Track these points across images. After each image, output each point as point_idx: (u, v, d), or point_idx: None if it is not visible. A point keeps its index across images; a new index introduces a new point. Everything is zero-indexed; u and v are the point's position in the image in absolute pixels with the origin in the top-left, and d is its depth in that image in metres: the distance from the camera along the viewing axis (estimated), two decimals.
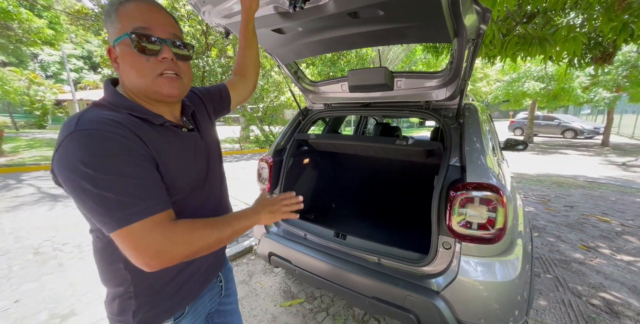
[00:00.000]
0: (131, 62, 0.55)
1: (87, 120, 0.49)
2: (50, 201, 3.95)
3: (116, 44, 0.55)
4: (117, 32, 0.55)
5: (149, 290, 0.61)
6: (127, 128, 0.51)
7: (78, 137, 0.47)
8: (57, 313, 1.75)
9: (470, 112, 1.33)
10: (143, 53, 0.54)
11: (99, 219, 0.48)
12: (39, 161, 6.69)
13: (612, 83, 8.88)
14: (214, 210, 0.71)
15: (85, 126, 0.48)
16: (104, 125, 0.49)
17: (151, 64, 0.55)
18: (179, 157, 0.60)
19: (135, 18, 0.54)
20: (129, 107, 0.56)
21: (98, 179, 0.46)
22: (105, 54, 0.57)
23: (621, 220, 3.34)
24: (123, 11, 0.54)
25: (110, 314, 0.63)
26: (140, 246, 0.48)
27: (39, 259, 2.39)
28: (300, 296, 1.93)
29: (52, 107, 17.68)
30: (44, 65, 24.66)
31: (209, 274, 0.75)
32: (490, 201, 1.06)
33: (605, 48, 2.72)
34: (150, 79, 0.56)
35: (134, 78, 0.56)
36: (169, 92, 0.58)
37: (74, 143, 0.47)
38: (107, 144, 0.48)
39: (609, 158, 8.26)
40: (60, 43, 8.87)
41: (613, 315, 1.75)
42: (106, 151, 0.47)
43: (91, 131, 0.47)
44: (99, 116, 0.50)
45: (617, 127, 14.96)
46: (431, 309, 1.09)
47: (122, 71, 0.57)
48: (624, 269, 2.28)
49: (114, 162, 0.47)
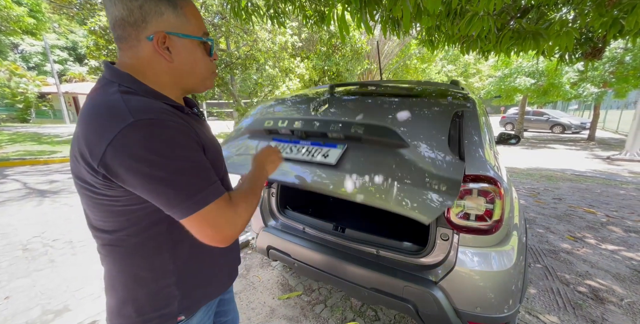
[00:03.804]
0: (197, 59, 0.60)
1: (140, 109, 0.49)
2: (38, 197, 3.83)
3: (179, 36, 0.56)
4: (185, 28, 0.57)
5: (190, 278, 0.64)
6: (176, 115, 0.53)
7: (139, 126, 0.47)
8: (50, 309, 1.72)
9: (472, 102, 1.34)
10: (210, 55, 0.63)
11: (173, 204, 0.50)
12: (24, 156, 6.46)
13: (599, 79, 9.10)
14: None
15: (142, 115, 0.48)
16: (158, 113, 0.49)
17: (211, 63, 0.64)
18: (211, 142, 0.64)
19: (200, 21, 0.60)
20: (159, 96, 0.57)
21: (169, 166, 0.48)
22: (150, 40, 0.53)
23: (606, 211, 3.47)
24: (190, 9, 0.57)
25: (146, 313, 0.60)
26: (218, 224, 0.53)
27: (29, 256, 2.33)
28: (298, 289, 1.94)
29: (35, 100, 17.04)
30: (25, 56, 23.60)
31: (236, 263, 0.80)
32: (488, 192, 1.08)
33: (595, 43, 2.77)
34: (207, 76, 0.64)
35: (193, 70, 0.60)
36: (212, 85, 0.67)
37: (135, 133, 0.46)
38: (168, 131, 0.49)
39: (594, 152, 8.53)
40: (42, 32, 8.48)
41: (598, 301, 1.83)
42: (169, 138, 0.49)
43: (152, 121, 0.48)
44: (147, 105, 0.51)
45: (602, 122, 15.41)
46: (429, 298, 1.11)
47: (177, 61, 0.57)
48: (609, 257, 2.38)
49: (178, 148, 0.49)
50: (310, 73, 9.32)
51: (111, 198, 0.52)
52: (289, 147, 1.25)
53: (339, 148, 1.13)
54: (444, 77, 18.73)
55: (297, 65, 8.79)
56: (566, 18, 2.43)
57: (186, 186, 0.49)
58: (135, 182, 0.48)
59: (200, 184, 0.51)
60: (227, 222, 0.54)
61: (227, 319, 0.90)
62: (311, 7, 2.62)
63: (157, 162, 0.47)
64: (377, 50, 2.28)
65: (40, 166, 5.93)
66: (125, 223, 0.56)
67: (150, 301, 0.60)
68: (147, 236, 0.57)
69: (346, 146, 1.12)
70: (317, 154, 1.15)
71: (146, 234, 0.57)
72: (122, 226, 0.56)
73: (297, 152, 1.22)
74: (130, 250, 0.58)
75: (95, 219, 0.58)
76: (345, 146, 1.12)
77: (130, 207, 0.54)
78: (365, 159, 1.08)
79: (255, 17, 2.57)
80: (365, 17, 1.85)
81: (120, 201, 0.53)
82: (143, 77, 0.56)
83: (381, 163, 1.05)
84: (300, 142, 1.25)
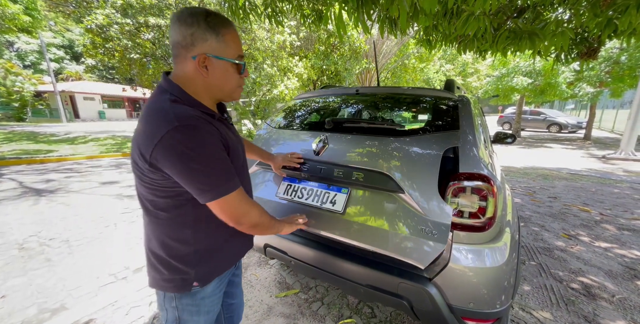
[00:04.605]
0: (228, 77, 0.74)
1: (183, 116, 0.64)
2: (34, 196, 3.82)
3: (217, 58, 0.70)
4: (222, 52, 0.70)
5: (206, 250, 0.78)
6: (208, 122, 0.67)
7: (182, 130, 0.62)
8: (47, 308, 1.72)
9: (463, 105, 1.36)
10: (240, 73, 0.76)
11: (204, 190, 0.66)
12: (20, 155, 6.42)
13: (595, 79, 9.17)
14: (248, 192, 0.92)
15: (184, 121, 0.63)
16: (195, 120, 0.64)
17: (240, 79, 0.78)
18: (235, 144, 0.78)
19: (238, 45, 0.74)
20: (198, 105, 0.71)
21: (201, 161, 0.63)
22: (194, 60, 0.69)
23: (600, 210, 3.51)
24: (230, 37, 0.71)
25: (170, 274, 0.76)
26: (237, 210, 0.72)
27: (25, 255, 2.33)
28: (296, 287, 1.96)
29: (31, 99, 16.90)
30: (21, 54, 23.36)
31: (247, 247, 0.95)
32: (481, 190, 1.09)
33: (591, 43, 2.80)
34: (234, 89, 0.78)
35: (223, 85, 0.75)
36: (238, 97, 0.82)
37: (179, 134, 0.61)
38: (202, 134, 0.64)
39: (590, 151, 8.60)
40: (38, 31, 8.40)
41: (590, 298, 1.86)
42: (203, 140, 0.64)
43: (191, 126, 0.63)
44: (188, 112, 0.65)
45: (598, 122, 15.54)
46: (423, 295, 1.13)
47: (211, 77, 0.72)
48: (602, 255, 2.41)
49: (210, 148, 0.65)
50: (309, 72, 9.31)
51: (153, 180, 0.68)
52: (300, 190, 1.36)
53: (343, 192, 1.24)
54: (442, 76, 18.77)
55: (295, 64, 8.78)
56: (562, 18, 2.46)
57: (214, 177, 0.66)
58: (175, 171, 0.64)
59: (225, 177, 0.68)
60: (243, 211, 0.72)
61: (234, 301, 1.05)
62: (309, 6, 2.62)
63: (193, 157, 0.62)
64: (374, 50, 2.27)
65: (37, 165, 5.89)
66: (160, 200, 0.72)
67: (173, 264, 0.75)
68: (175, 214, 0.73)
69: (349, 190, 1.23)
70: (326, 200, 1.27)
71: (175, 212, 0.73)
72: (157, 203, 0.72)
73: (308, 197, 1.33)
74: (162, 222, 0.74)
75: (141, 195, 0.75)
76: (349, 191, 1.23)
77: (165, 189, 0.70)
78: (367, 205, 1.18)
79: (253, 16, 2.57)
80: (362, 17, 1.86)
81: (160, 184, 0.69)
82: (187, 87, 0.71)
83: (381, 209, 1.15)
84: (308, 184, 1.35)
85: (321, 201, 1.27)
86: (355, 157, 1.24)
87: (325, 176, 1.28)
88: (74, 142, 9.19)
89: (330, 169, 1.27)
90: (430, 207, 1.08)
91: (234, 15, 2.44)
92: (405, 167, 1.14)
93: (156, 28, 6.97)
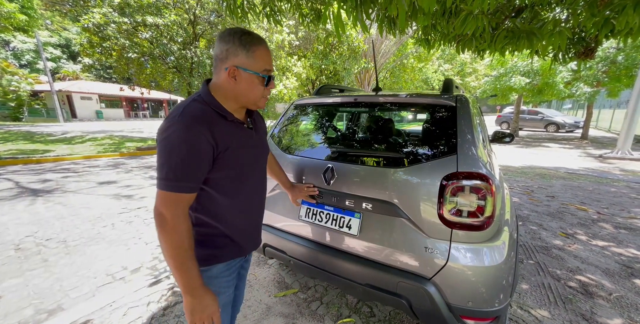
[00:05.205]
0: (253, 87, 0.83)
1: (187, 113, 0.74)
2: (30, 196, 3.79)
3: (244, 70, 0.80)
4: (250, 65, 0.80)
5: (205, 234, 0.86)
6: (206, 123, 0.75)
7: (177, 123, 0.72)
8: (44, 309, 1.70)
9: (462, 104, 1.36)
10: (264, 86, 0.85)
11: (157, 177, 0.73)
12: (16, 155, 6.37)
13: (592, 78, 9.22)
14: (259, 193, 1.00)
15: (182, 118, 0.73)
16: (193, 119, 0.73)
17: (265, 90, 0.86)
18: (237, 143, 0.84)
19: (266, 62, 0.83)
20: (215, 106, 0.81)
21: (171, 153, 0.71)
22: (226, 70, 0.80)
23: (597, 208, 3.53)
24: (259, 53, 0.81)
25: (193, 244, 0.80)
26: (160, 210, 0.72)
27: (21, 256, 2.31)
28: (294, 287, 1.95)
29: (28, 99, 16.77)
30: (17, 53, 23.18)
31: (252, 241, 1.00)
32: (479, 189, 1.09)
33: (588, 43, 2.81)
34: (258, 98, 0.86)
35: (248, 94, 0.84)
36: (263, 106, 0.91)
37: (173, 126, 0.71)
38: (187, 133, 0.71)
39: (587, 151, 8.65)
40: (34, 30, 8.33)
41: (588, 296, 1.87)
42: (185, 138, 0.71)
43: (183, 124, 0.72)
44: (196, 111, 0.76)
45: (595, 121, 15.63)
46: (422, 294, 1.13)
47: (238, 86, 0.82)
48: (599, 253, 2.43)
49: (183, 147, 0.71)
50: (308, 72, 9.29)
51: None
52: (319, 213, 1.48)
53: (357, 217, 1.36)
54: (441, 76, 18.81)
55: (294, 64, 8.76)
56: (559, 18, 2.46)
57: (170, 170, 0.71)
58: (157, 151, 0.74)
59: (176, 174, 0.71)
60: (166, 214, 0.72)
61: (235, 292, 1.07)
62: (307, 5, 2.61)
63: (167, 147, 0.71)
64: (373, 50, 2.26)
65: (33, 165, 5.85)
66: None
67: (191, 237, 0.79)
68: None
69: (362, 215, 1.35)
70: (342, 224, 1.39)
71: None
72: None
73: (326, 220, 1.44)
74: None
75: None
76: (361, 215, 1.35)
77: None
78: (378, 228, 1.30)
79: (251, 15, 2.56)
80: (361, 16, 1.86)
81: None
82: (217, 92, 0.82)
83: (390, 231, 1.27)
84: (324, 207, 1.46)
85: (338, 225, 1.40)
86: (363, 187, 1.34)
87: (338, 204, 1.41)
88: (71, 142, 9.13)
89: (342, 197, 1.39)
90: (432, 230, 1.17)
91: (232, 14, 2.43)
92: (407, 195, 1.22)
93: (154, 27, 6.93)
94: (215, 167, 0.79)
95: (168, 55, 7.60)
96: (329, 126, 2.06)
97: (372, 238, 1.30)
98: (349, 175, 1.38)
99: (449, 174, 1.13)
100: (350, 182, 1.37)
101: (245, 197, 0.92)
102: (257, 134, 0.96)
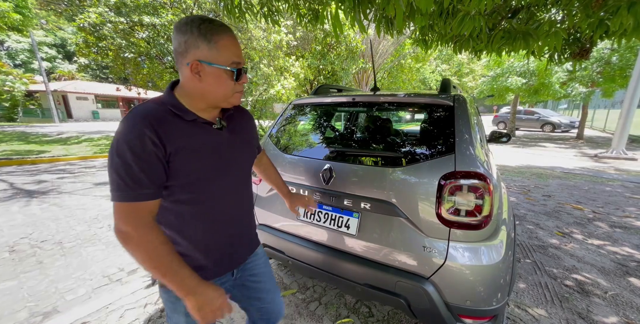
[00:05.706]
0: (220, 83, 0.73)
1: (136, 113, 0.67)
2: (25, 197, 3.75)
3: (208, 64, 0.70)
4: (214, 58, 0.70)
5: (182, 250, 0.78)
6: (152, 122, 0.66)
7: (121, 124, 0.66)
8: (38, 311, 1.68)
9: (459, 104, 1.36)
10: (234, 80, 0.74)
11: (110, 186, 0.65)
12: (10, 155, 6.30)
13: (587, 79, 9.31)
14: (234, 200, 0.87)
15: (130, 117, 0.66)
16: (137, 119, 0.65)
17: (234, 85, 0.76)
18: (196, 145, 0.74)
19: (233, 53, 0.72)
20: (171, 105, 0.72)
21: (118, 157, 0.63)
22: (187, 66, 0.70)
23: (593, 207, 3.57)
24: (224, 43, 0.70)
25: None
26: (119, 223, 0.65)
27: (16, 258, 2.28)
28: (293, 287, 1.95)
29: (22, 99, 16.59)
30: (11, 53, 22.94)
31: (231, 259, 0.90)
32: (477, 188, 1.10)
33: (583, 44, 2.84)
34: (229, 94, 0.76)
35: (217, 91, 0.74)
36: (237, 102, 0.80)
37: (119, 127, 0.65)
38: (130, 135, 0.64)
39: (582, 150, 8.73)
40: (29, 29, 8.24)
41: (584, 294, 1.89)
42: (128, 139, 0.63)
43: (127, 124, 0.65)
44: (141, 112, 0.67)
45: (590, 121, 15.78)
46: (421, 293, 1.13)
47: (203, 83, 0.72)
48: (594, 252, 2.45)
49: (127, 149, 0.63)
50: (306, 72, 9.28)
51: None
52: (317, 213, 1.47)
53: (355, 217, 1.36)
54: (438, 76, 18.91)
55: (292, 64, 8.75)
56: (555, 19, 2.48)
57: (118, 177, 0.64)
58: None
59: (127, 183, 0.64)
60: (120, 226, 0.64)
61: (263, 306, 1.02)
62: (305, 6, 2.61)
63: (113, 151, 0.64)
64: (371, 50, 2.25)
65: (28, 165, 5.79)
66: None
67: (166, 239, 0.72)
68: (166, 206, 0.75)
69: (360, 215, 1.34)
70: (341, 224, 1.38)
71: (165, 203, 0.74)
72: None
73: (325, 220, 1.43)
74: None
75: None
76: (360, 215, 1.34)
77: None
78: (377, 227, 1.29)
79: (249, 15, 2.55)
80: (358, 16, 1.86)
81: None
82: (181, 91, 0.74)
83: (389, 231, 1.26)
84: (323, 207, 1.46)
85: (337, 225, 1.39)
86: (361, 187, 1.33)
87: (336, 204, 1.41)
88: (66, 142, 9.04)
89: (340, 197, 1.39)
90: (430, 229, 1.18)
91: (229, 14, 2.42)
92: (406, 194, 1.22)
93: (150, 27, 6.89)
94: (170, 173, 0.69)
95: (165, 55, 7.57)
96: (327, 126, 2.06)
97: (370, 238, 1.30)
98: (348, 175, 1.38)
99: (447, 174, 1.14)
100: (349, 182, 1.37)
101: (211, 208, 0.79)
102: (232, 134, 0.84)
